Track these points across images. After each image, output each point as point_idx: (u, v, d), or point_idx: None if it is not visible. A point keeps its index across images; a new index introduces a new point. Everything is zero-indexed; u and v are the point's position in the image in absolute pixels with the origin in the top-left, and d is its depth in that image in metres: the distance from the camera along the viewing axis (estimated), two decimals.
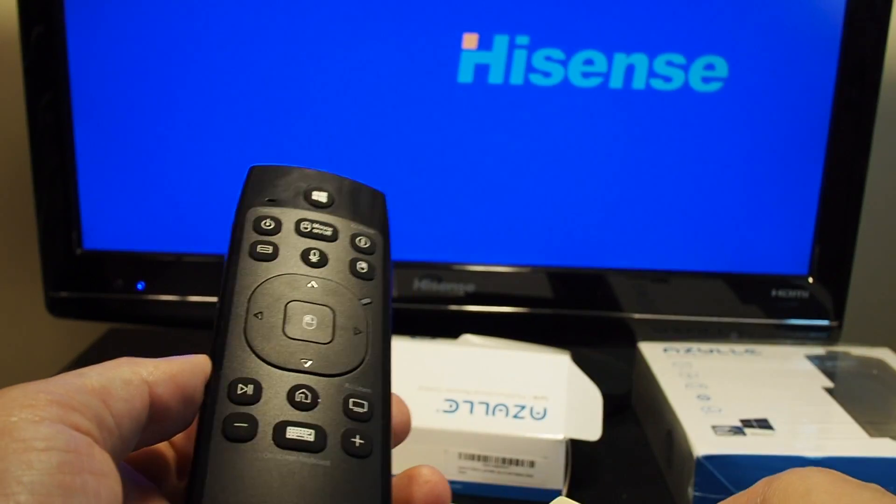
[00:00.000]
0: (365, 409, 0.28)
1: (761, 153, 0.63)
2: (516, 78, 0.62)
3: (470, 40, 0.61)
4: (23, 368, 0.83)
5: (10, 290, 0.82)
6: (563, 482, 0.52)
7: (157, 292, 0.67)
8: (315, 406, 0.27)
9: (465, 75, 0.62)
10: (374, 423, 0.28)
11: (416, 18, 0.61)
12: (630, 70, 0.62)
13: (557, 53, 0.62)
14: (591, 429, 0.52)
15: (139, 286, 0.66)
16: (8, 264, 0.81)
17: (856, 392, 0.58)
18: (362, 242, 0.33)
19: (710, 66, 0.62)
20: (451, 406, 0.53)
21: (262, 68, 0.62)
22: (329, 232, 0.32)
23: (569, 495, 0.53)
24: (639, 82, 0.62)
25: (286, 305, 0.30)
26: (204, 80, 0.63)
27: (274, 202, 0.33)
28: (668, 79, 0.62)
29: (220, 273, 0.31)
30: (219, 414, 0.26)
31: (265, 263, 0.31)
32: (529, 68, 0.62)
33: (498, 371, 0.55)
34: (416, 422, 0.28)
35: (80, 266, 0.66)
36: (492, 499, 0.52)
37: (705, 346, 0.64)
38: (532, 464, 0.51)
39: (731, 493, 0.46)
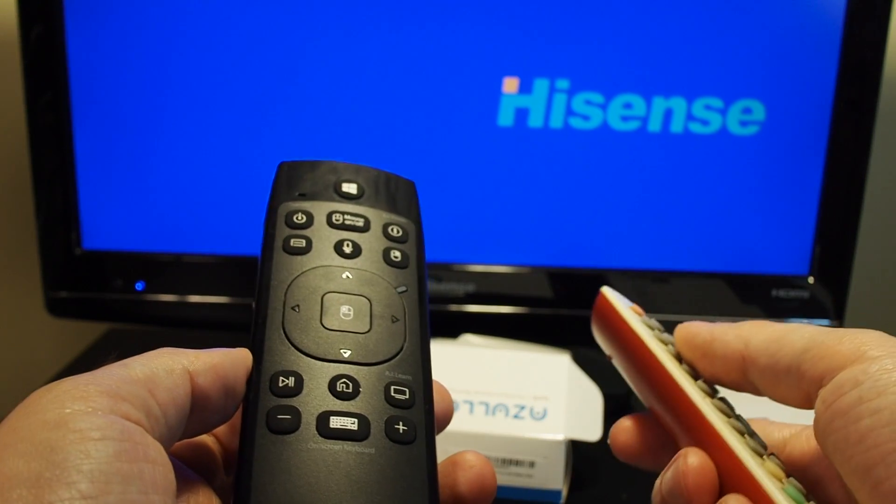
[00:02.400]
0: (406, 396, 0.28)
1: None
2: (556, 121, 0.63)
3: (510, 84, 0.62)
4: (22, 368, 0.83)
5: (9, 290, 0.82)
6: (563, 482, 0.52)
7: (156, 292, 0.67)
8: (357, 395, 0.27)
9: (506, 119, 0.63)
10: (416, 409, 0.28)
11: (458, 62, 0.62)
12: (668, 114, 0.62)
13: (597, 97, 0.62)
14: (592, 429, 0.52)
15: (139, 286, 0.66)
16: (7, 264, 0.81)
17: None
18: (395, 231, 0.33)
19: (747, 110, 0.62)
20: None
21: (263, 69, 0.62)
22: (361, 223, 0.33)
23: (569, 495, 0.53)
24: (677, 126, 0.63)
25: (322, 297, 0.30)
26: (204, 80, 0.63)
27: (304, 196, 0.33)
28: (705, 122, 0.62)
29: (219, 273, 0.31)
30: (262, 407, 0.27)
31: (299, 257, 0.31)
32: (569, 112, 0.63)
33: (498, 371, 0.55)
34: None
35: (80, 266, 0.66)
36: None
37: None
38: (532, 464, 0.51)
39: None
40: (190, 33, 0.62)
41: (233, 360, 0.27)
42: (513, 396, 0.53)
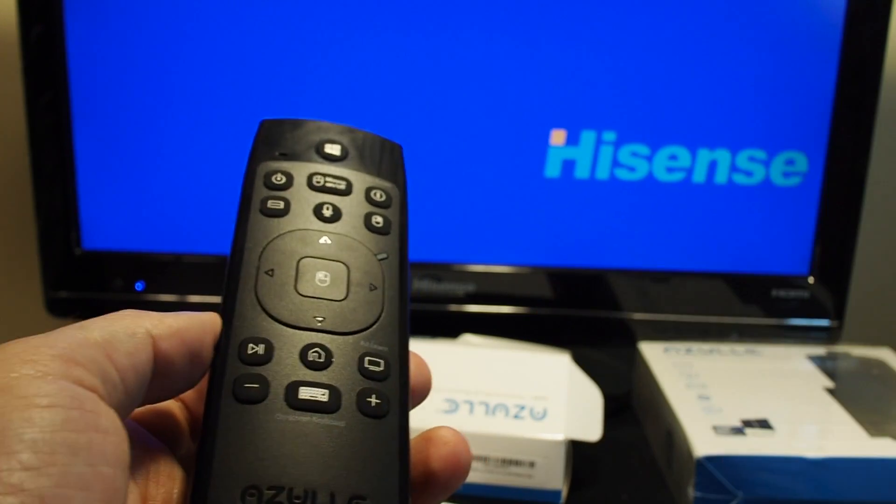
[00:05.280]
0: (381, 368, 0.27)
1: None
2: (602, 173, 0.63)
3: (558, 136, 0.63)
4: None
5: (9, 290, 0.82)
6: (563, 483, 0.52)
7: (156, 292, 0.67)
8: (329, 365, 0.26)
9: (553, 170, 0.63)
10: (390, 382, 0.27)
11: (506, 114, 0.63)
12: (713, 165, 0.63)
13: (643, 149, 0.63)
14: (592, 429, 0.52)
15: (138, 286, 0.66)
16: (7, 264, 0.81)
17: (856, 392, 0.58)
18: (378, 196, 0.31)
19: (790, 162, 0.63)
20: (450, 406, 0.53)
21: (263, 69, 0.62)
22: (343, 186, 0.31)
23: (569, 495, 0.53)
24: (721, 177, 0.63)
25: (298, 262, 0.29)
26: (204, 80, 0.63)
27: (285, 156, 0.32)
28: (749, 173, 0.63)
29: (219, 273, 0.31)
30: (229, 374, 0.26)
31: (276, 219, 0.30)
32: (615, 163, 0.63)
33: (498, 371, 0.55)
34: (416, 422, 0.28)
35: (80, 266, 0.66)
36: (492, 499, 0.52)
37: (706, 346, 0.64)
38: (532, 464, 0.51)
39: (732, 494, 0.46)
40: (190, 33, 0.62)
41: (200, 325, 0.26)
42: (513, 396, 0.53)
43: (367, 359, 0.27)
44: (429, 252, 0.66)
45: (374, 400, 0.26)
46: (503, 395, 0.54)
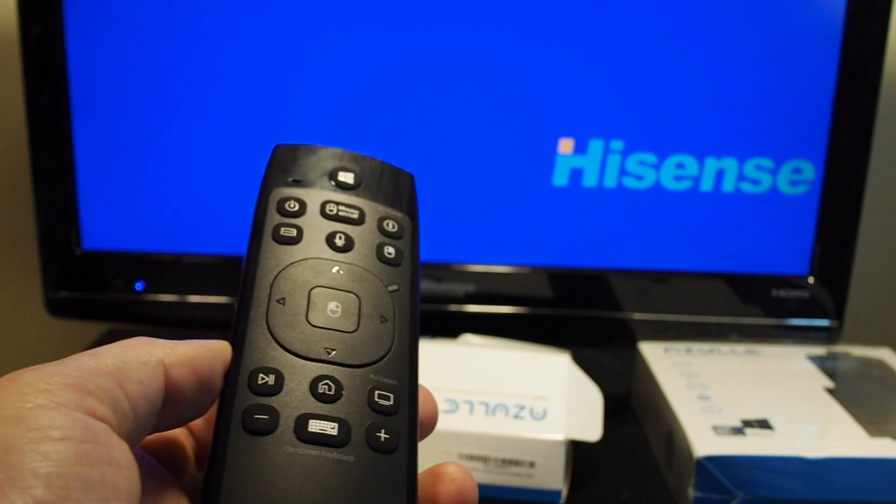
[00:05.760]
0: (391, 402, 0.27)
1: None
2: (610, 181, 0.63)
3: (566, 145, 0.63)
4: (22, 369, 0.83)
5: (9, 290, 0.82)
6: (563, 483, 0.52)
7: (156, 292, 0.67)
8: (339, 398, 0.26)
9: (561, 178, 0.63)
10: (399, 416, 0.27)
11: (515, 123, 0.63)
12: (720, 174, 0.63)
13: (650, 158, 0.63)
14: (591, 429, 0.52)
15: (138, 286, 0.66)
16: (7, 264, 0.81)
17: (856, 392, 0.58)
18: (390, 226, 0.31)
19: (797, 171, 0.63)
20: (451, 406, 0.53)
21: (264, 69, 0.62)
22: (356, 215, 0.31)
23: (569, 495, 0.53)
24: (728, 185, 0.63)
25: (310, 291, 0.28)
26: (204, 80, 0.63)
27: (299, 183, 0.31)
28: (756, 182, 0.63)
29: (219, 273, 0.30)
30: (238, 405, 0.25)
31: (289, 247, 0.29)
32: (623, 172, 0.63)
33: (498, 371, 0.55)
34: None
35: (80, 266, 0.66)
36: (492, 499, 0.52)
37: (706, 346, 0.64)
38: (532, 464, 0.51)
39: (732, 494, 0.47)
40: (190, 33, 0.62)
41: (211, 354, 0.26)
42: (513, 396, 0.53)
43: (376, 392, 0.27)
44: (429, 252, 0.66)
45: (383, 435, 0.26)
46: (503, 395, 0.54)
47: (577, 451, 0.55)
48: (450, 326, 0.65)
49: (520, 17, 0.61)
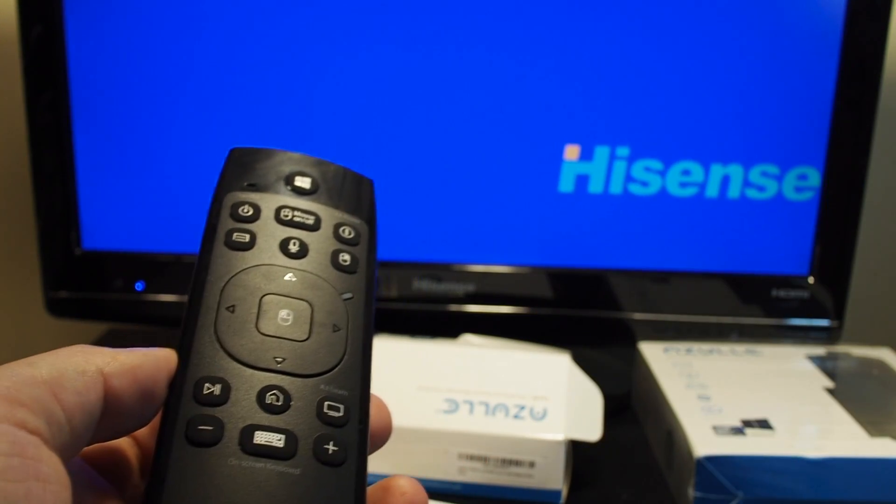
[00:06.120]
0: (340, 414, 0.26)
1: (761, 153, 0.63)
2: (615, 187, 0.64)
3: (571, 151, 0.63)
4: None
5: (9, 290, 0.82)
6: (563, 483, 0.52)
7: (156, 292, 0.67)
8: (287, 409, 0.25)
9: (566, 185, 0.63)
10: (349, 428, 0.26)
11: (521, 130, 0.63)
12: (726, 180, 0.63)
13: (656, 164, 0.63)
14: (591, 429, 0.52)
15: (138, 286, 0.66)
16: (7, 264, 0.81)
17: (856, 392, 0.58)
18: (346, 233, 0.31)
19: (803, 177, 0.63)
20: (450, 406, 0.53)
21: (265, 70, 0.62)
22: (311, 220, 0.30)
23: (569, 495, 0.53)
24: (734, 191, 0.63)
25: (261, 299, 0.28)
26: (204, 80, 0.63)
27: (253, 187, 0.31)
28: (762, 188, 0.63)
29: None
30: (182, 415, 0.25)
31: (241, 253, 0.29)
32: (629, 178, 0.63)
33: (498, 371, 0.55)
34: (416, 422, 0.27)
35: (80, 266, 0.66)
36: (492, 499, 0.52)
37: (705, 347, 0.64)
38: (532, 464, 0.51)
39: (732, 494, 0.47)
40: (190, 33, 0.62)
41: (154, 362, 0.25)
42: (513, 396, 0.53)
43: (326, 403, 0.26)
44: (429, 252, 0.66)
45: (331, 447, 0.25)
46: (503, 395, 0.54)
47: (577, 451, 0.55)
48: (450, 326, 0.65)
49: (526, 24, 0.61)
